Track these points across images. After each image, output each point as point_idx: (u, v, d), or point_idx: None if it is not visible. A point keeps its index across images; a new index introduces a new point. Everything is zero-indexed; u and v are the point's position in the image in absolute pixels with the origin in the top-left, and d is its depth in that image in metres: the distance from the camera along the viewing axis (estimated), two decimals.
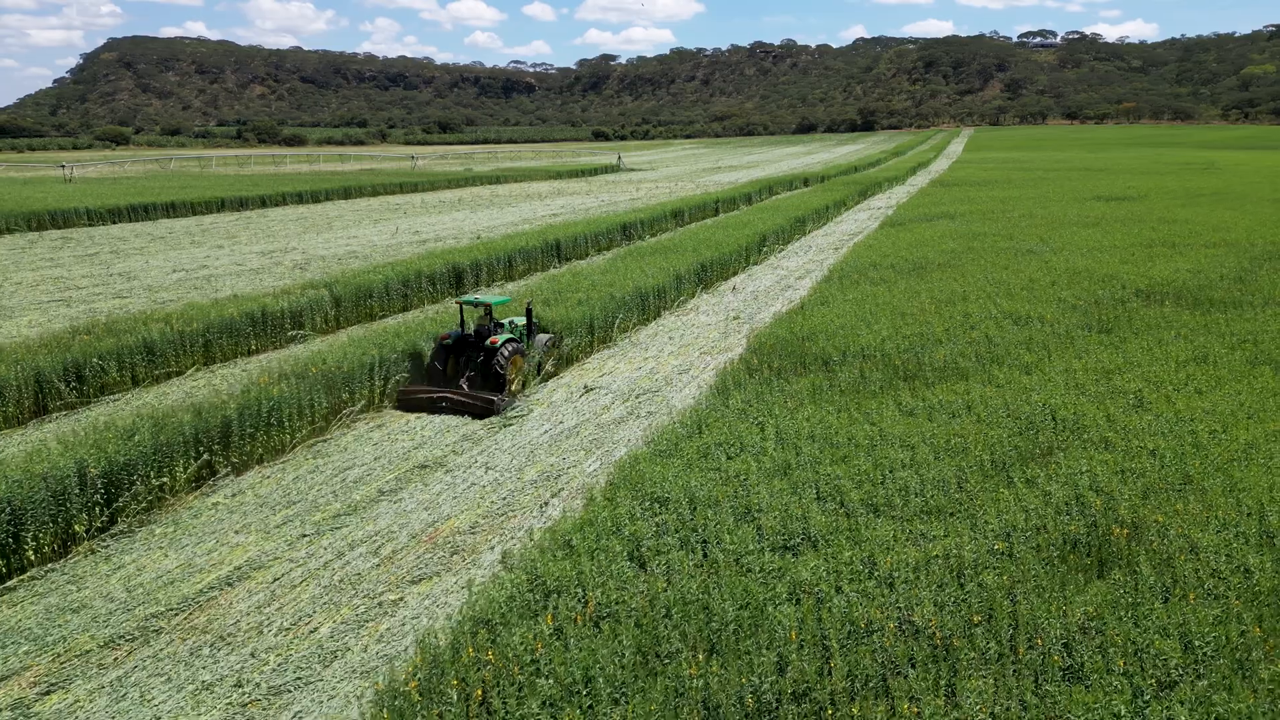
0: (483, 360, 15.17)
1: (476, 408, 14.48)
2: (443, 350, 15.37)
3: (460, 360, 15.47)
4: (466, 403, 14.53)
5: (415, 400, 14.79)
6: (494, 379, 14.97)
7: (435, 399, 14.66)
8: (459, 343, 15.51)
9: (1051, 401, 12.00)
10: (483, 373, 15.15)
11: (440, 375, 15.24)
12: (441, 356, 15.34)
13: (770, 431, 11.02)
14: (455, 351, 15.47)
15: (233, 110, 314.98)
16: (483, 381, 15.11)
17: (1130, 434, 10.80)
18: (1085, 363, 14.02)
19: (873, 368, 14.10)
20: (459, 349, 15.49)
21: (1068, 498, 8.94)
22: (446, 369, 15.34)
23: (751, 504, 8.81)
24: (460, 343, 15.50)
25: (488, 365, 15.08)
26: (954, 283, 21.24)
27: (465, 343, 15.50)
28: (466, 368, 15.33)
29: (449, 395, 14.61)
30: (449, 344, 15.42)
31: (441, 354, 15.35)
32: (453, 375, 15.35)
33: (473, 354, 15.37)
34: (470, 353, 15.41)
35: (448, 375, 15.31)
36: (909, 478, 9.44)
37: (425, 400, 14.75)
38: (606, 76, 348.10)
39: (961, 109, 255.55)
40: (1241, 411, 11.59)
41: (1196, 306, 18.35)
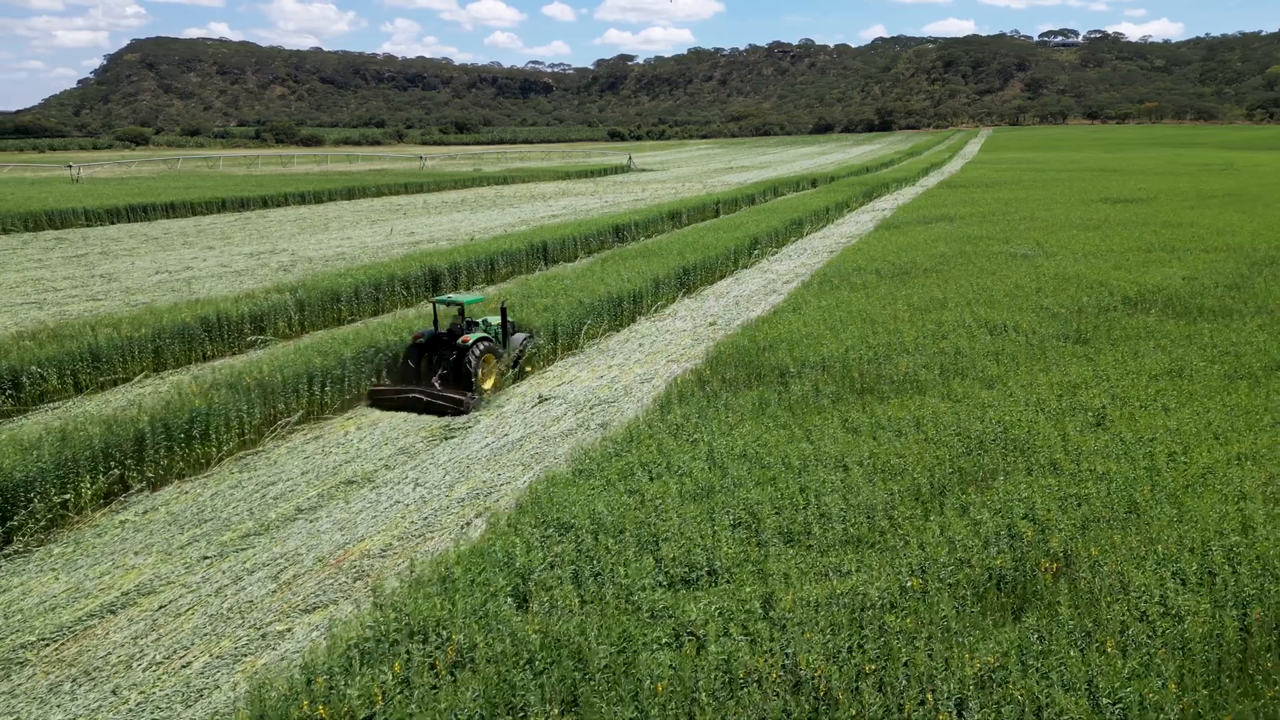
0: (455, 359, 15.28)
1: (445, 406, 14.59)
2: (416, 349, 15.55)
3: (433, 359, 15.57)
4: (436, 401, 14.65)
5: (386, 398, 14.98)
6: (465, 378, 15.09)
7: (405, 397, 14.82)
8: (432, 341, 15.63)
9: (1006, 419, 11.35)
10: (455, 371, 15.27)
11: (414, 374, 15.42)
12: (415, 355, 15.52)
13: (702, 450, 10.44)
14: (429, 350, 15.60)
15: (253, 111, 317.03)
16: (455, 380, 15.23)
17: (1082, 456, 10.14)
18: (1052, 377, 13.34)
19: (829, 380, 13.48)
20: (432, 348, 15.61)
21: (999, 528, 8.32)
22: (420, 367, 15.48)
23: (660, 531, 8.24)
24: (433, 341, 15.63)
25: (459, 364, 15.19)
26: (936, 289, 20.55)
27: (438, 341, 15.62)
28: (439, 366, 15.43)
29: (419, 393, 14.74)
30: (422, 342, 15.57)
31: (415, 352, 15.54)
32: (426, 373, 15.47)
33: (445, 353, 15.48)
34: (443, 351, 15.52)
35: (421, 373, 15.45)
36: (834, 503, 8.84)
37: (396, 398, 14.90)
38: (624, 77, 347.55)
39: (980, 109, 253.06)
40: (1208, 431, 10.90)
41: (1183, 315, 17.59)
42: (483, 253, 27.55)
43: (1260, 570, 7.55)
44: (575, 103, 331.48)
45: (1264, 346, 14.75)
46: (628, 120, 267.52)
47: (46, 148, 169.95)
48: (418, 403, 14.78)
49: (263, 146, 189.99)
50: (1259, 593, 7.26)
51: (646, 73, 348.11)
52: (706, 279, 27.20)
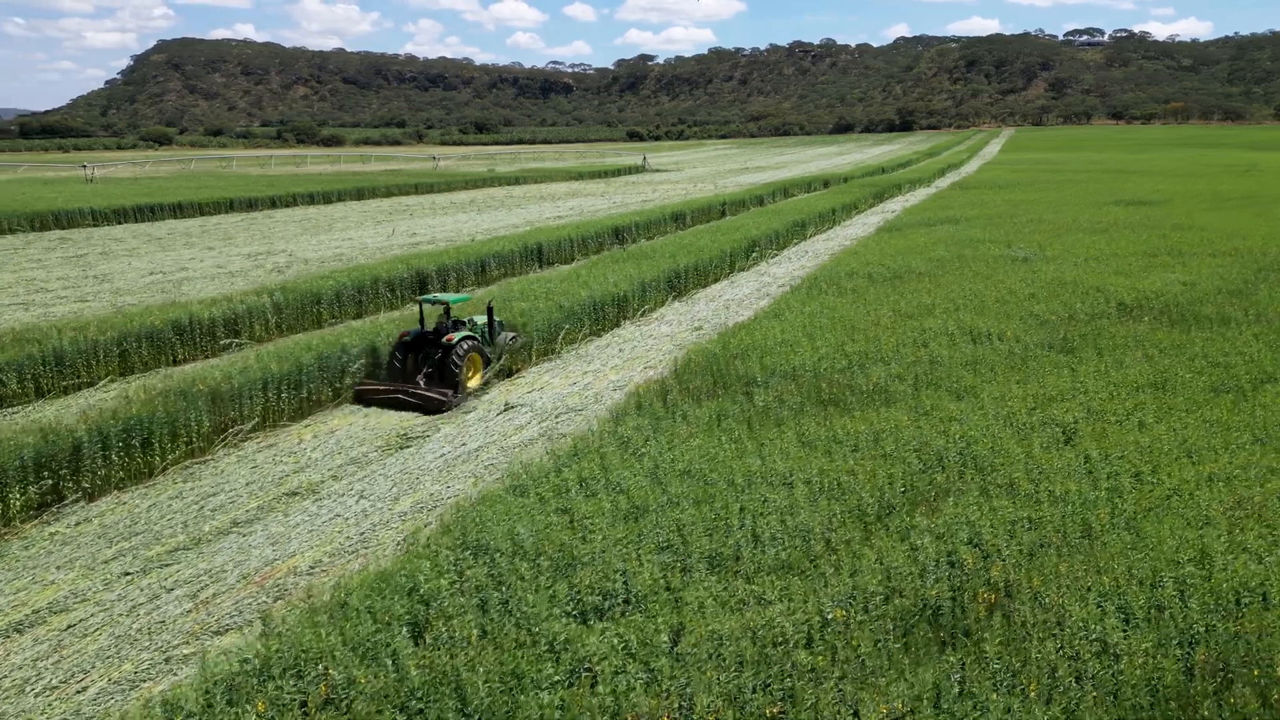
0: (440, 358, 15.45)
1: (428, 404, 14.80)
2: (403, 347, 15.76)
3: (419, 357, 15.74)
4: (419, 399, 14.88)
5: (371, 396, 15.25)
6: (449, 377, 15.24)
7: (389, 395, 15.07)
8: (418, 340, 15.81)
9: (971, 434, 10.84)
10: (440, 370, 15.43)
11: (400, 371, 15.63)
12: (402, 353, 15.73)
13: (647, 465, 10.02)
14: (414, 349, 15.77)
15: (276, 111, 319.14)
16: (440, 378, 15.40)
17: (1044, 475, 9.62)
18: (1028, 389, 12.80)
19: (795, 391, 13.01)
20: (418, 346, 15.79)
21: (941, 554, 7.84)
22: (406, 365, 15.68)
23: (580, 555, 7.82)
24: (419, 340, 15.81)
25: (444, 363, 15.35)
26: (925, 294, 19.99)
27: (424, 340, 15.80)
28: (424, 364, 15.60)
29: (402, 391, 15.01)
30: (408, 341, 15.78)
31: (401, 350, 15.75)
32: (412, 371, 15.67)
33: (431, 351, 15.64)
34: (429, 350, 15.69)
35: (407, 372, 15.64)
36: (770, 525, 8.39)
37: (380, 396, 15.17)
38: (644, 77, 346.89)
39: (1003, 109, 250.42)
40: (1181, 449, 10.34)
41: (1178, 323, 16.96)
42: (473, 255, 27.24)
43: (1212, 605, 7.03)
44: (595, 103, 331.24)
45: (1256, 357, 14.13)
46: (647, 120, 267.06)
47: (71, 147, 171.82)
48: (402, 401, 14.95)
49: (284, 146, 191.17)
50: (1207, 631, 6.75)
51: (666, 73, 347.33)
52: (700, 282, 26.76)
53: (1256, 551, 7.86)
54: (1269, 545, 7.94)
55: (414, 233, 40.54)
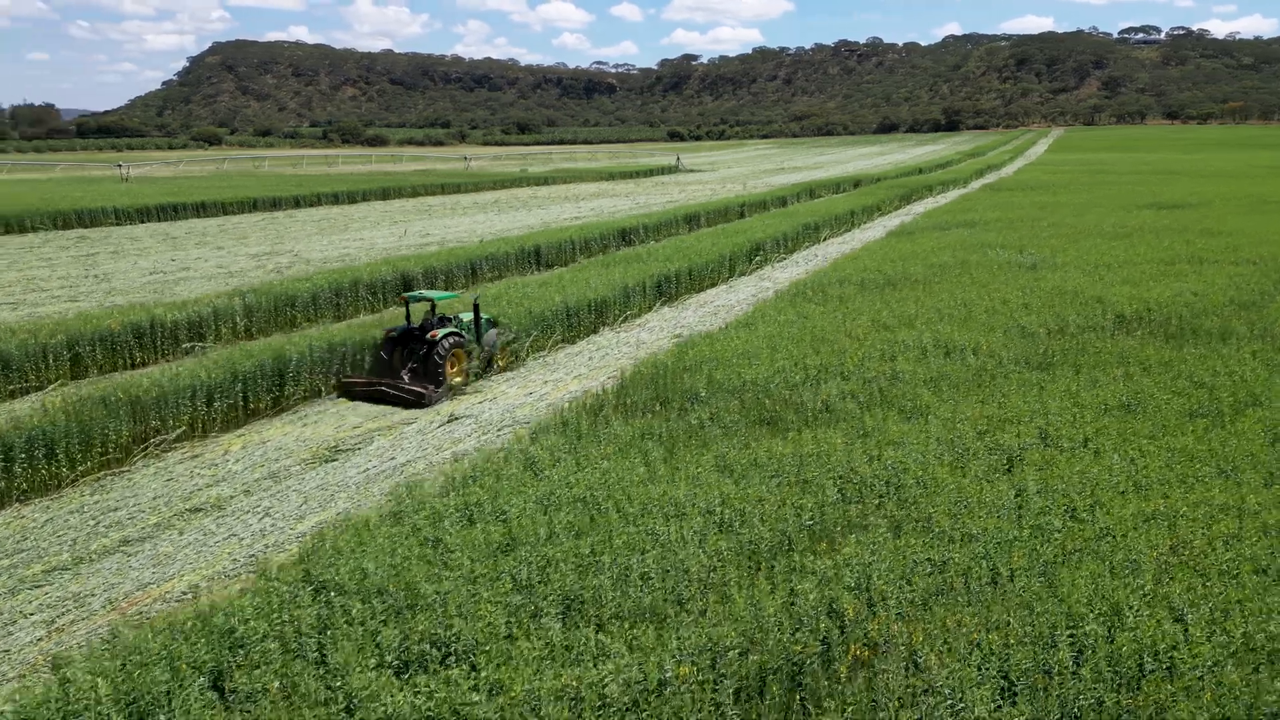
0: (424, 353, 15.80)
1: (408, 399, 15.22)
2: (389, 343, 16.18)
3: (404, 352, 16.09)
4: (399, 393, 15.31)
5: (355, 389, 15.73)
6: (432, 372, 15.63)
7: (372, 389, 15.54)
8: (404, 335, 16.22)
9: (904, 461, 10.00)
10: (424, 365, 15.80)
11: (385, 366, 16.01)
12: (388, 348, 16.14)
13: (542, 490, 9.35)
14: (400, 344, 16.15)
15: (325, 111, 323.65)
16: (424, 374, 15.78)
17: (968, 509, 8.77)
18: (986, 409, 11.89)
19: (736, 408, 12.24)
20: (404, 342, 16.17)
21: (822, 601, 7.06)
22: (393, 360, 16.04)
23: (425, 596, 7.19)
24: (405, 336, 16.20)
25: (428, 358, 15.72)
26: (912, 303, 19.04)
27: (410, 336, 16.18)
28: (409, 360, 15.99)
29: (385, 385, 15.47)
30: (394, 336, 16.21)
31: (388, 346, 16.16)
32: (398, 366, 16.01)
33: (416, 347, 16.02)
34: (414, 346, 16.06)
35: (393, 366, 15.99)
36: (647, 564, 7.67)
37: (364, 389, 15.65)
38: (687, 76, 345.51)
39: (1054, 108, 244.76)
40: (1130, 482, 9.40)
41: (1175, 338, 15.84)
42: (464, 257, 26.81)
43: (1109, 673, 6.18)
44: (638, 103, 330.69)
45: (1246, 378, 13.03)
46: (689, 120, 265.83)
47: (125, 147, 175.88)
48: (383, 395, 15.42)
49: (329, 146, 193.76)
50: (1094, 705, 5.90)
51: (710, 72, 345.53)
52: (695, 286, 26.03)
53: (1178, 607, 6.96)
54: (1194, 600, 7.04)
55: (427, 233, 40.31)
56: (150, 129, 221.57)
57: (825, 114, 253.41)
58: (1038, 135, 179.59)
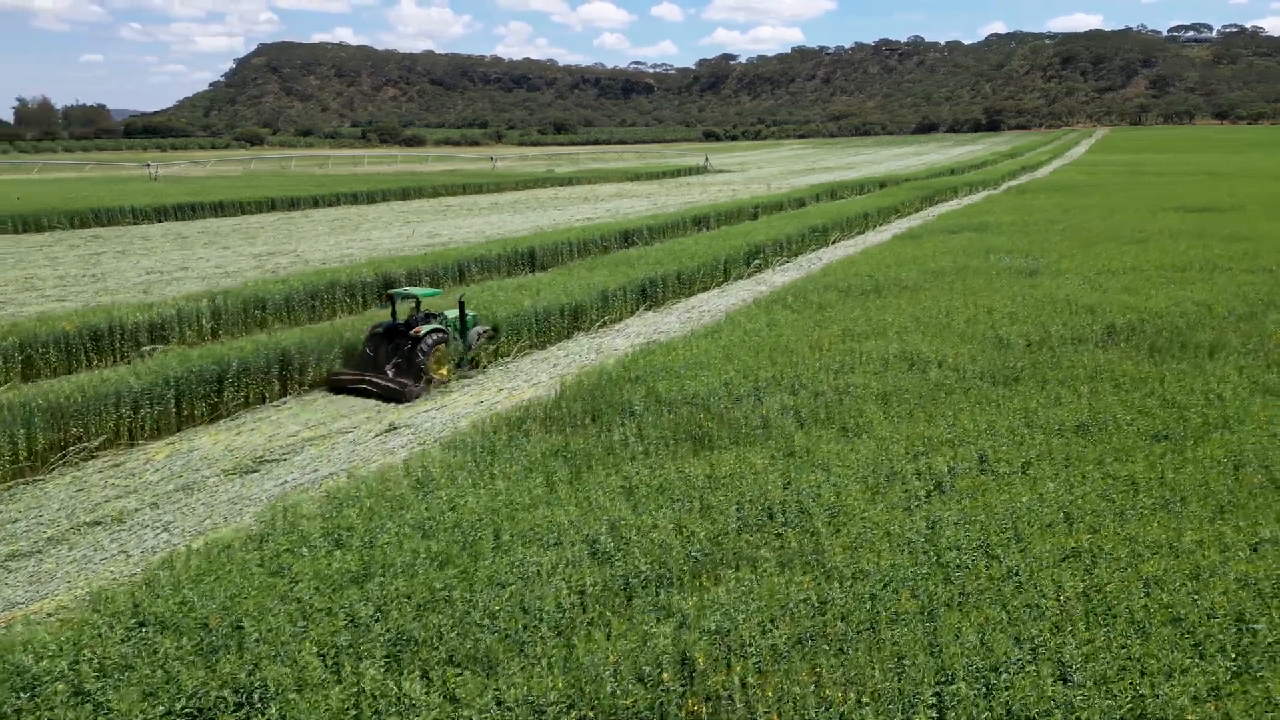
0: (408, 349, 16.14)
1: (389, 393, 15.57)
2: (374, 338, 16.61)
3: (389, 348, 16.44)
4: (381, 388, 15.68)
5: (341, 383, 16.15)
6: (415, 367, 15.98)
7: (356, 383, 15.95)
8: (389, 331, 16.60)
9: (822, 485, 9.30)
10: (407, 361, 16.13)
11: (371, 361, 16.41)
12: (373, 344, 16.56)
13: (423, 514, 8.79)
14: (386, 340, 16.51)
15: (366, 112, 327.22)
16: (408, 369, 16.12)
17: (870, 542, 8.05)
18: (931, 428, 11.12)
19: (668, 423, 11.59)
20: (389, 337, 16.54)
21: (676, 647, 6.43)
22: (378, 355, 16.42)
23: (248, 635, 6.66)
24: (390, 331, 16.58)
25: (411, 354, 16.06)
26: (893, 311, 18.21)
27: (395, 332, 16.54)
28: (393, 355, 16.33)
29: (369, 380, 15.84)
30: (380, 332, 16.63)
31: (374, 341, 16.58)
32: (383, 361, 16.37)
33: (400, 343, 16.36)
34: (398, 341, 16.40)
35: (379, 361, 16.35)
36: (503, 599, 7.08)
37: (350, 384, 16.05)
38: (725, 76, 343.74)
39: (1099, 108, 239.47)
40: (1061, 513, 8.62)
41: (1161, 351, 14.88)
42: (452, 259, 26.42)
43: None
44: (676, 103, 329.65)
45: (1224, 396, 12.11)
46: (726, 120, 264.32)
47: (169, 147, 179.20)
48: (369, 389, 15.77)
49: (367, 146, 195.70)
50: None
51: (748, 72, 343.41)
52: (685, 290, 25.38)
53: (1070, 663, 6.22)
54: (1089, 654, 6.29)
55: (436, 233, 40.06)
56: (196, 129, 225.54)
57: (863, 114, 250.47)
58: (1081, 135, 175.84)
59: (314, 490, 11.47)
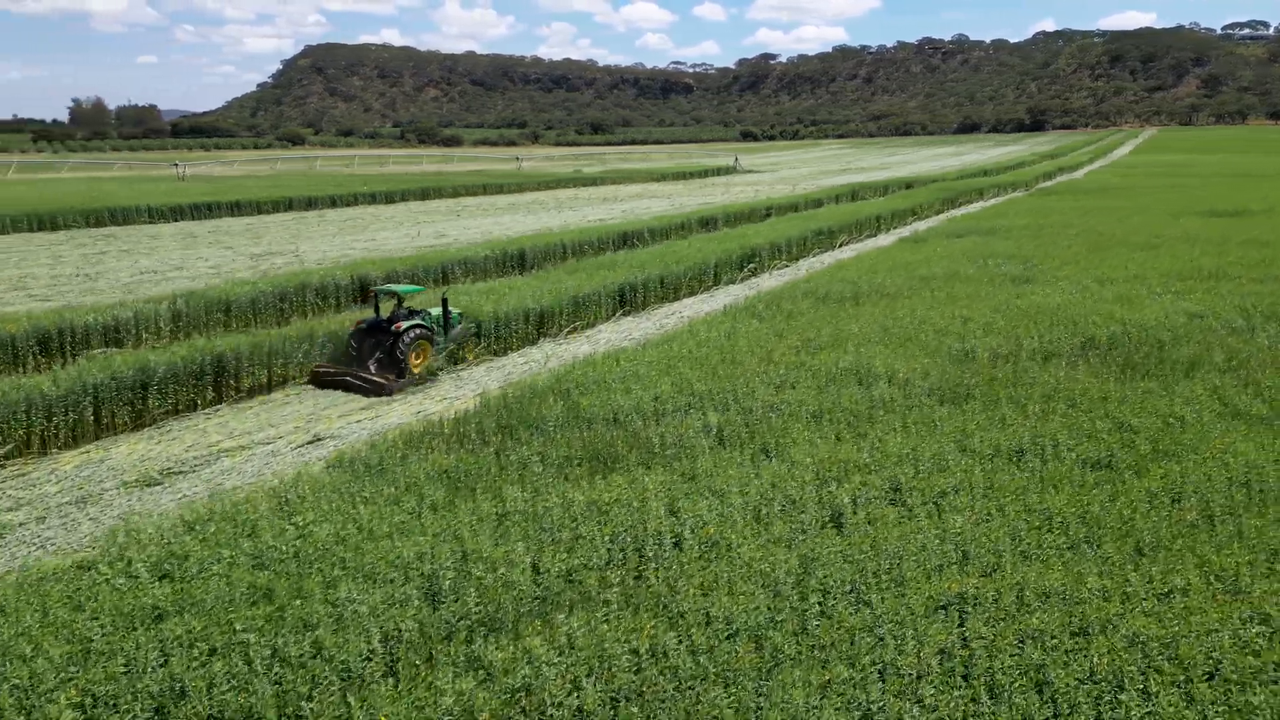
0: (390, 345, 16.42)
1: (370, 388, 15.92)
2: (358, 334, 16.85)
3: (371, 343, 16.65)
4: (361, 383, 16.03)
5: (324, 378, 16.50)
6: (395, 363, 16.28)
7: (339, 377, 16.31)
8: (372, 327, 16.84)
9: (709, 514, 8.58)
10: (389, 356, 16.41)
11: (355, 356, 16.68)
12: (357, 339, 16.80)
13: (260, 543, 8.20)
14: (369, 335, 16.74)
15: (408, 112, 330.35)
16: (389, 364, 16.40)
17: (731, 583, 7.33)
18: (855, 449, 10.33)
19: (578, 441, 10.93)
20: (372, 333, 16.76)
21: (453, 711, 5.78)
22: (361, 351, 16.66)
23: (9, 678, 6.13)
24: (373, 327, 16.81)
25: (392, 350, 16.35)
26: (863, 320, 17.36)
27: (378, 328, 16.77)
28: (376, 350, 16.54)
29: (350, 375, 16.22)
30: (364, 328, 16.88)
31: (358, 337, 16.82)
32: (366, 357, 16.59)
33: (383, 339, 16.58)
34: (381, 337, 16.62)
35: (362, 356, 16.60)
36: (301, 648, 6.47)
37: (333, 378, 16.40)
38: (765, 76, 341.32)
39: (1148, 107, 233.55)
40: (960, 552, 7.81)
41: (1134, 367, 13.89)
42: (435, 260, 26.00)
43: None
44: (715, 102, 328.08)
45: (1186, 419, 11.14)
46: (765, 120, 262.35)
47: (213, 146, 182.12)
48: (348, 383, 16.15)
49: (406, 146, 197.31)
50: None
51: (788, 71, 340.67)
52: (670, 295, 24.68)
53: None
54: None
55: (443, 234, 39.76)
56: (241, 129, 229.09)
57: (904, 113, 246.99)
58: (1127, 136, 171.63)
59: (174, 510, 10.98)
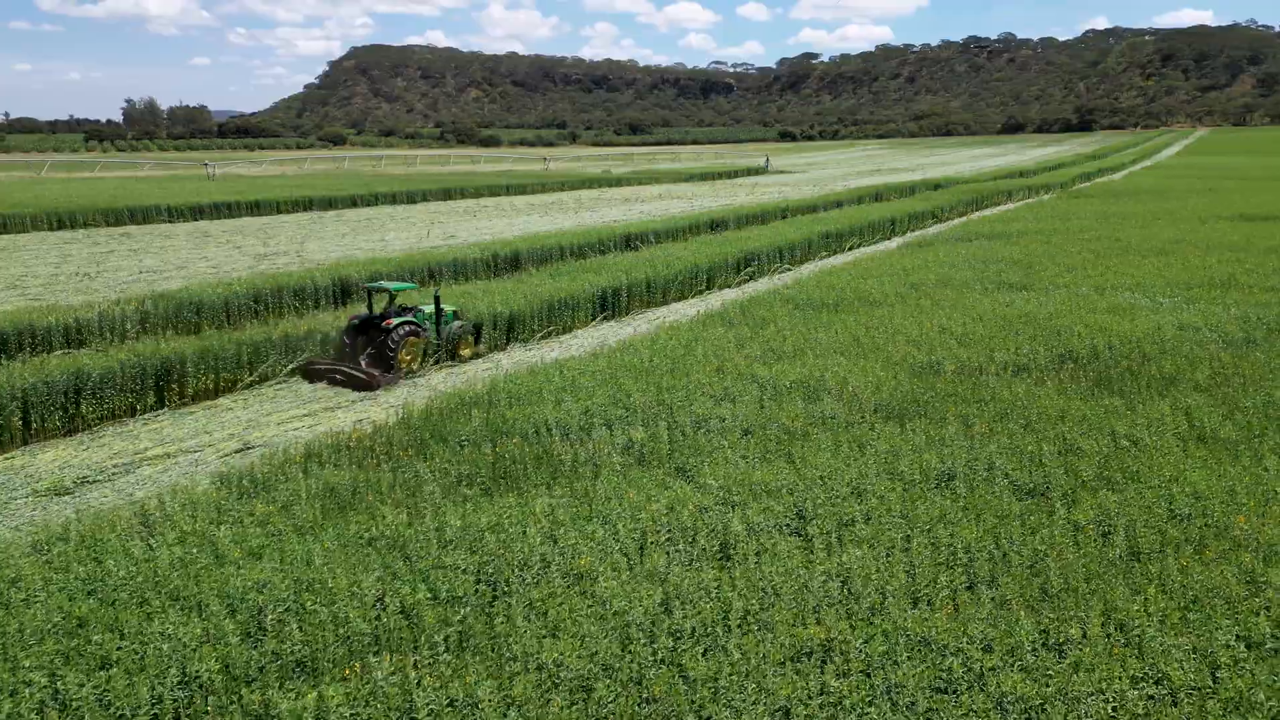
0: (380, 340, 16.77)
1: (357, 383, 16.24)
2: (351, 330, 17.19)
3: (364, 339, 17.00)
4: (350, 377, 16.36)
5: (316, 371, 16.83)
6: (384, 358, 16.61)
7: (330, 372, 16.63)
8: (365, 323, 17.19)
9: (588, 544, 7.98)
10: (380, 352, 16.74)
11: (348, 352, 17.01)
12: (351, 334, 17.13)
13: (99, 568, 7.73)
14: (362, 331, 17.08)
15: (450, 113, 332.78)
16: (379, 360, 16.72)
17: (576, 624, 6.71)
18: (772, 471, 9.64)
19: (486, 459, 10.37)
20: (365, 329, 17.10)
21: None
22: (355, 346, 16.99)
23: None
24: (366, 323, 17.17)
25: (382, 346, 16.70)
26: (831, 330, 16.59)
27: (370, 324, 17.12)
28: (368, 346, 16.87)
29: (341, 369, 16.52)
30: (357, 324, 17.23)
31: (351, 332, 17.15)
32: (359, 352, 16.92)
33: (375, 334, 16.92)
34: (373, 333, 16.96)
35: (356, 352, 16.93)
36: (85, 692, 5.99)
37: (324, 372, 16.74)
38: (806, 75, 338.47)
39: (1201, 107, 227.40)
40: (841, 593, 7.12)
41: (1107, 383, 13.02)
42: (421, 262, 25.66)
43: None
44: (755, 102, 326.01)
45: (1143, 442, 10.30)
46: (805, 120, 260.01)
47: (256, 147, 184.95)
48: (340, 378, 16.46)
49: (445, 146, 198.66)
50: None
51: (830, 71, 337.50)
52: (655, 300, 24.06)
53: None
54: None
55: (452, 234, 39.57)
56: (287, 130, 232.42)
57: (947, 113, 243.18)
58: (1177, 136, 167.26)
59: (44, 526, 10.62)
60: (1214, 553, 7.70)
